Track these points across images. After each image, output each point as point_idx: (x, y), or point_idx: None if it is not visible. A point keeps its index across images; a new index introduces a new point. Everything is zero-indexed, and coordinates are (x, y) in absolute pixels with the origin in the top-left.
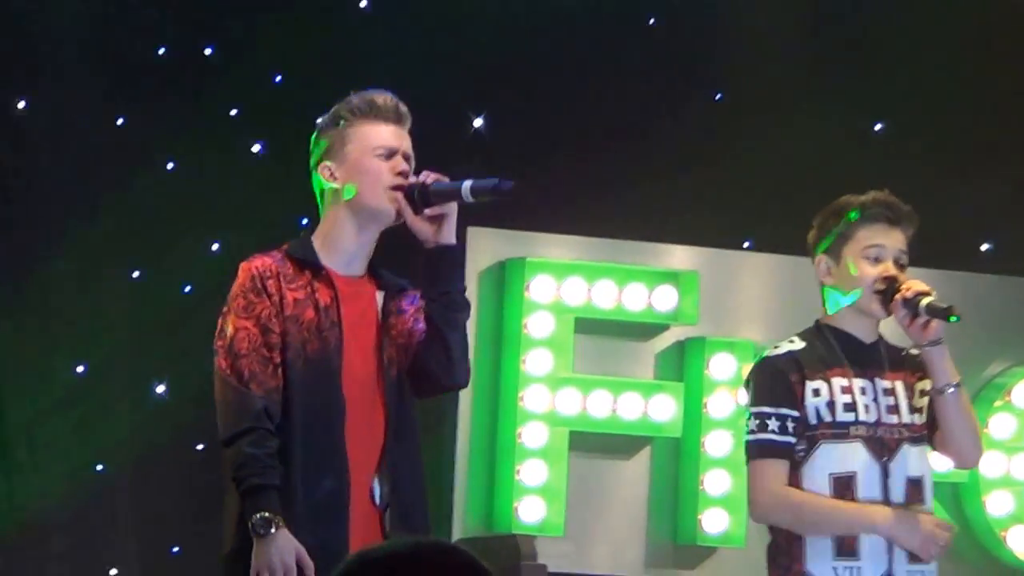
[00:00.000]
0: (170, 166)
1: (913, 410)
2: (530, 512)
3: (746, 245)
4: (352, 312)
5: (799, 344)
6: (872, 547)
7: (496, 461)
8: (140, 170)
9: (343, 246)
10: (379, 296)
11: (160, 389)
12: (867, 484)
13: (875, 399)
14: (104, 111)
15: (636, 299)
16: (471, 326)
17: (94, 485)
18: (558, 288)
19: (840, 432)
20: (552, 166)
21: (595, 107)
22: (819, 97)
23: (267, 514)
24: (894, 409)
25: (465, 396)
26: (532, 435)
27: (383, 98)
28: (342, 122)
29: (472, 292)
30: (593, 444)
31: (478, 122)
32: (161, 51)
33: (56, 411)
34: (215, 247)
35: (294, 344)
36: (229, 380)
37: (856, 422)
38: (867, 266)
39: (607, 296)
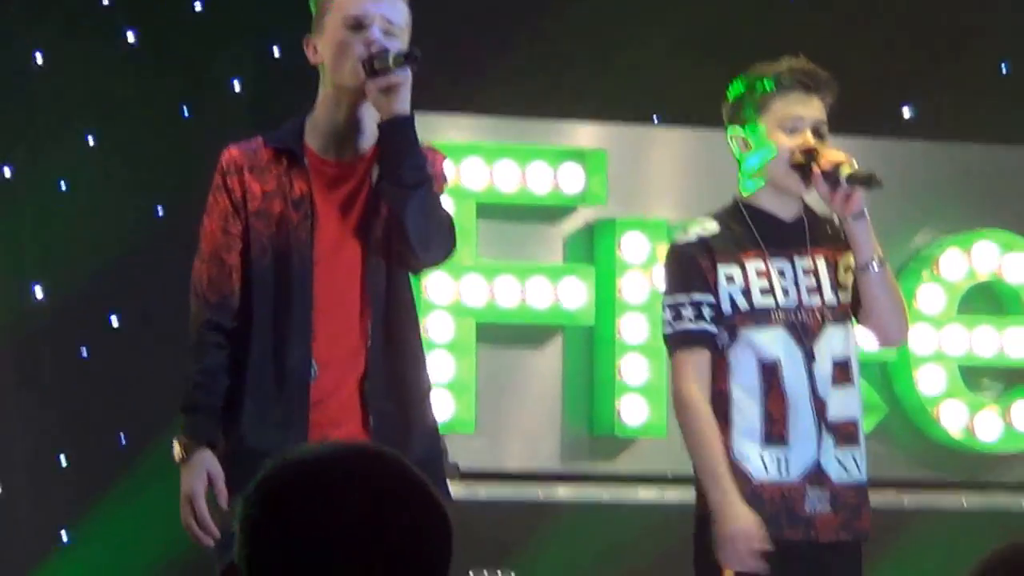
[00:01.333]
0: (39, 58)
1: (837, 287)
2: (438, 409)
3: (655, 119)
4: (335, 199)
5: (711, 227)
6: (799, 433)
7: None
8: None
9: (327, 127)
10: (375, 174)
11: (38, 291)
12: (791, 371)
13: (795, 281)
14: None
15: (541, 180)
16: None
17: None
18: (457, 171)
19: (760, 318)
20: (448, 41)
21: None
22: None
23: (183, 439)
24: (815, 290)
25: None
26: (437, 327)
27: None
28: None
29: None
30: (502, 335)
31: None
32: None
33: None
34: (91, 141)
35: (260, 239)
36: (193, 286)
37: (776, 307)
38: (784, 138)
39: (510, 178)
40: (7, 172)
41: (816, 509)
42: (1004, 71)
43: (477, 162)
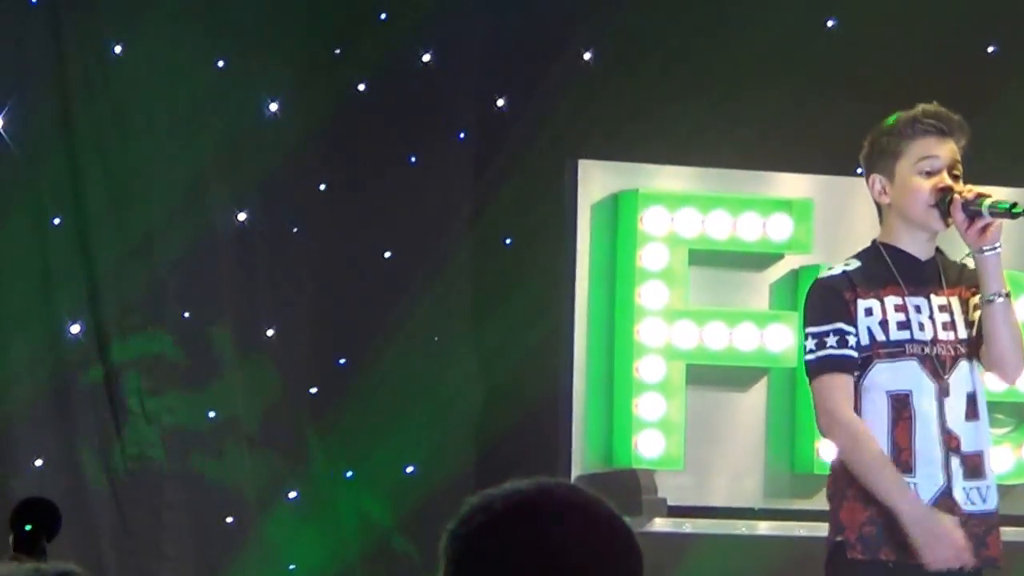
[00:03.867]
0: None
1: (968, 325)
2: (649, 446)
3: (859, 171)
4: None
5: (854, 264)
6: (927, 462)
7: (614, 395)
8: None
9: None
10: None
11: (269, 332)
12: (923, 402)
13: (931, 316)
14: None
15: (750, 229)
16: (585, 260)
17: None
18: (671, 219)
19: (895, 351)
20: (662, 96)
21: (706, 36)
22: (933, 15)
23: None
24: (950, 326)
25: (580, 330)
26: (649, 368)
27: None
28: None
29: (584, 226)
30: (710, 376)
31: (587, 55)
32: None
33: None
34: (322, 188)
35: None
36: None
37: (911, 340)
38: (921, 180)
39: (721, 226)
40: (243, 217)
41: None
42: None
43: (691, 212)
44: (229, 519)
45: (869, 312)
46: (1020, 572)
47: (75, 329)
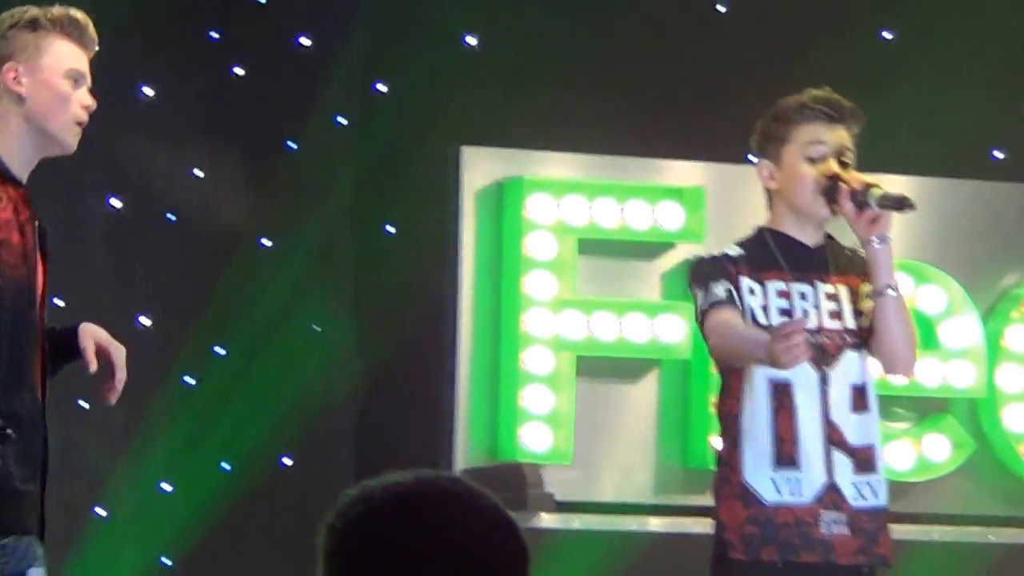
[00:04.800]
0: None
1: (857, 314)
2: (536, 440)
3: (753, 159)
4: (34, 234)
5: (735, 250)
6: (809, 457)
7: (499, 388)
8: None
9: (24, 159)
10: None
11: (144, 320)
12: (804, 392)
13: (816, 304)
14: None
15: (640, 217)
16: (470, 249)
17: None
18: (558, 207)
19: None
20: (549, 81)
21: (593, 18)
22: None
23: None
24: (837, 314)
25: (465, 321)
26: (536, 360)
27: (86, 19)
28: (40, 28)
29: (469, 214)
30: (599, 368)
31: (472, 40)
32: None
33: None
34: (199, 173)
35: (6, 271)
36: None
37: None
38: (807, 166)
39: (610, 215)
40: (117, 204)
41: (833, 531)
42: None
43: (578, 199)
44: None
45: (752, 292)
46: (920, 572)
47: None
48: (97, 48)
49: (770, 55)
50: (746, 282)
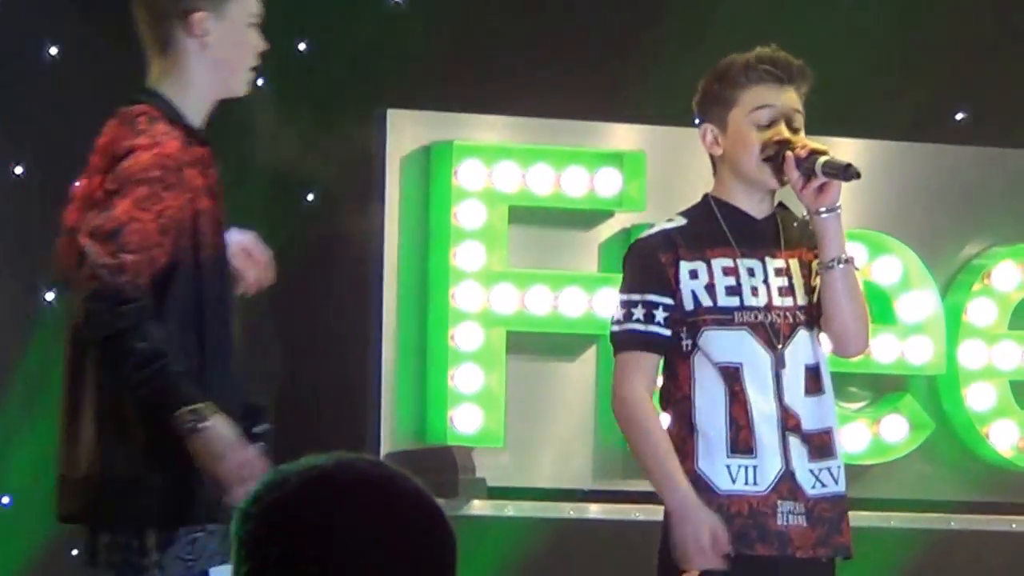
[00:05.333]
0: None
1: (809, 290)
2: (466, 421)
3: (697, 122)
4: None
5: (678, 221)
6: (764, 443)
7: (427, 366)
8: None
9: (203, 110)
10: None
11: (48, 296)
12: (756, 375)
13: (765, 280)
14: None
15: (576, 184)
16: (395, 218)
17: None
18: (489, 174)
19: (723, 319)
20: (479, 39)
21: None
22: None
23: (198, 404)
24: (787, 291)
25: (390, 295)
26: (466, 336)
27: None
28: None
29: (394, 180)
30: (533, 345)
31: None
32: None
33: None
34: None
35: (207, 240)
36: (106, 273)
37: (741, 307)
38: (754, 132)
39: (544, 181)
40: (18, 170)
41: (789, 522)
42: None
43: (511, 165)
44: None
45: (694, 275)
46: (877, 560)
47: None
48: None
49: (716, 10)
50: (686, 266)
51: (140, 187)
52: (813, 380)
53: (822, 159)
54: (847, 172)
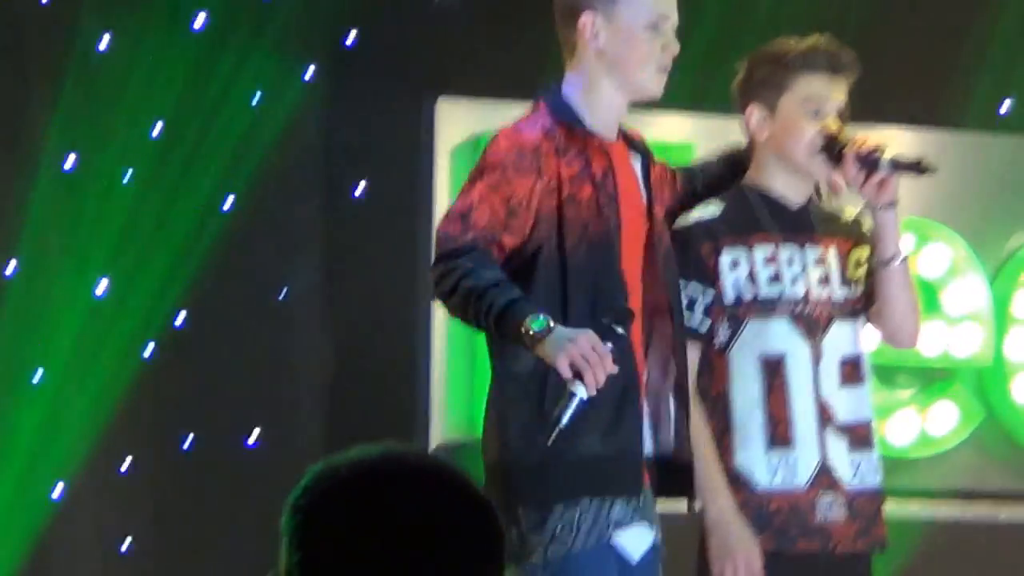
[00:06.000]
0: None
1: (846, 282)
2: None
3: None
4: (622, 184)
5: (713, 209)
6: (803, 435)
7: (476, 357)
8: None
9: (605, 106)
10: (635, 162)
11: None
12: (796, 367)
13: (804, 270)
14: None
15: None
16: (443, 210)
17: None
18: None
19: (765, 309)
20: (531, 26)
21: None
22: None
23: (540, 317)
24: (825, 281)
25: None
26: None
27: None
28: None
29: (443, 171)
30: None
31: None
32: None
33: None
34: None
35: (575, 228)
36: (447, 239)
37: (782, 297)
38: (808, 121)
39: None
40: (71, 160)
41: (829, 518)
42: None
43: None
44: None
45: (735, 264)
46: (924, 553)
47: None
48: None
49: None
50: (728, 255)
51: (494, 172)
52: (851, 372)
53: (890, 154)
54: (920, 167)
